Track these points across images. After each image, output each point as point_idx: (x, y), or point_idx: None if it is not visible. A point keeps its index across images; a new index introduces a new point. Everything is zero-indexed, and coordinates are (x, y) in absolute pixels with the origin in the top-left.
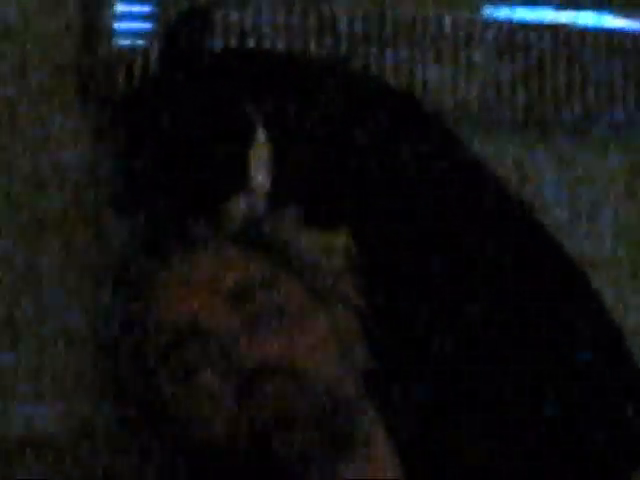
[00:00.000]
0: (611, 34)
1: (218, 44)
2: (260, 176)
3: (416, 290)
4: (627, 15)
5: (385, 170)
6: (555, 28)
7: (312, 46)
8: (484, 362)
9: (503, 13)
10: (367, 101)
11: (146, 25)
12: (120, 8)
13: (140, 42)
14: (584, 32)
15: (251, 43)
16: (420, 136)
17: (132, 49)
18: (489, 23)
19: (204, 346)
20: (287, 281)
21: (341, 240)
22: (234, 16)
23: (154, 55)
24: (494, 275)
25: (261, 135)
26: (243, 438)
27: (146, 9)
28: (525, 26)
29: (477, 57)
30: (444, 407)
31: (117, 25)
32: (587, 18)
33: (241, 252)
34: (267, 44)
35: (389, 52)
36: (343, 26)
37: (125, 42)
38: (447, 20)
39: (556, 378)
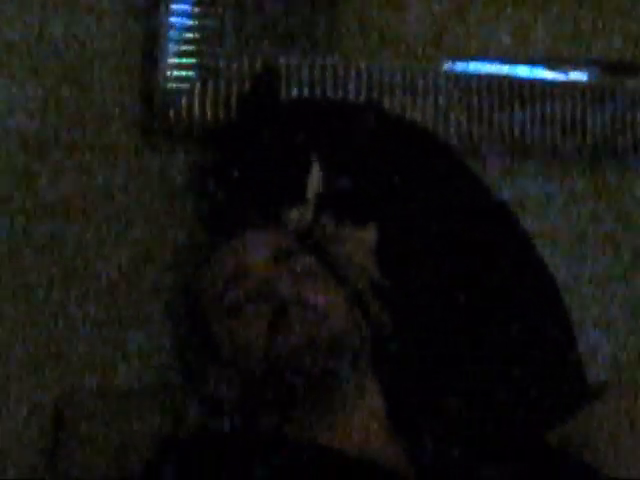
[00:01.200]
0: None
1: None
2: (312, 195)
3: (422, 271)
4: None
5: (404, 182)
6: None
7: None
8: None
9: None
10: (398, 135)
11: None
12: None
13: (186, 86)
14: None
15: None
16: (436, 162)
17: (180, 92)
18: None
19: (249, 287)
20: (312, 258)
21: (370, 234)
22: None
23: (198, 97)
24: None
25: (316, 168)
26: (277, 359)
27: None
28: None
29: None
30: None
31: (169, 73)
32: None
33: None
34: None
35: None
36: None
37: (175, 86)
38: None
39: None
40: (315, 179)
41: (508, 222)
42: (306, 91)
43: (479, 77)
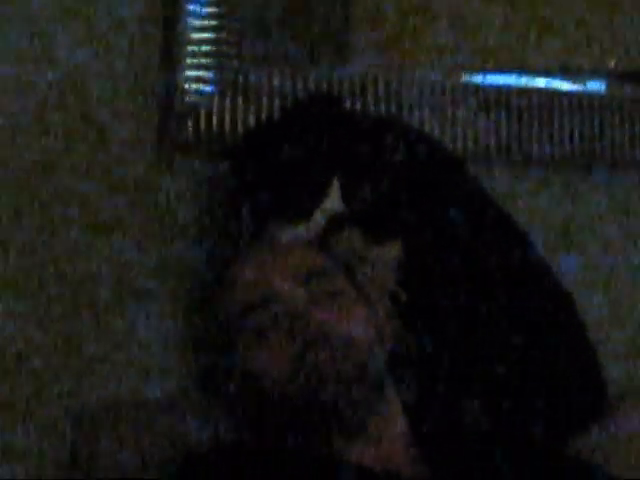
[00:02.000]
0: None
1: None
2: (331, 204)
3: (439, 287)
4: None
5: (427, 201)
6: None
7: None
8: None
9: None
10: (417, 152)
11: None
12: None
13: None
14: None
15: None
16: (451, 178)
17: (197, 104)
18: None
19: (275, 311)
20: (341, 277)
21: (395, 251)
22: None
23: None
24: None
25: (335, 182)
26: (300, 390)
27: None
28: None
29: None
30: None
31: (187, 86)
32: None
33: (314, 250)
34: None
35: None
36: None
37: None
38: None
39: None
40: (334, 193)
41: (522, 242)
42: None
43: (498, 89)
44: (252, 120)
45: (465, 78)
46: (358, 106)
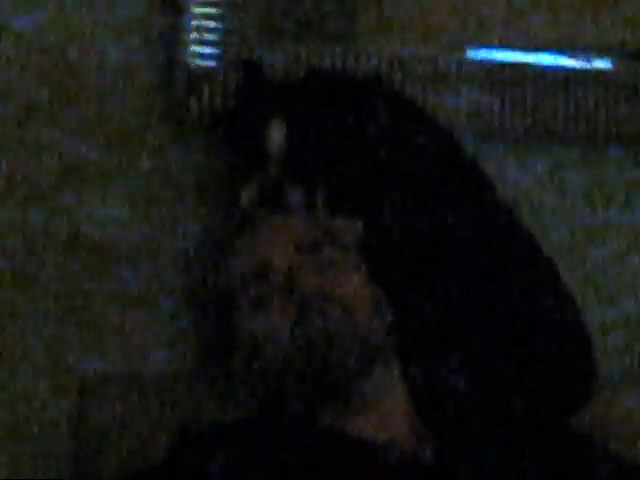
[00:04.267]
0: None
1: None
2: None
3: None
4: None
5: (398, 175)
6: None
7: None
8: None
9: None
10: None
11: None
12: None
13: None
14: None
15: None
16: (427, 137)
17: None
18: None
19: (273, 280)
20: (337, 247)
21: (356, 228)
22: None
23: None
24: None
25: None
26: (298, 355)
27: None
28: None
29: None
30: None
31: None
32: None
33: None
34: None
35: None
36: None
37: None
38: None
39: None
40: (275, 138)
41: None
42: None
43: (502, 65)
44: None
45: (469, 54)
46: None
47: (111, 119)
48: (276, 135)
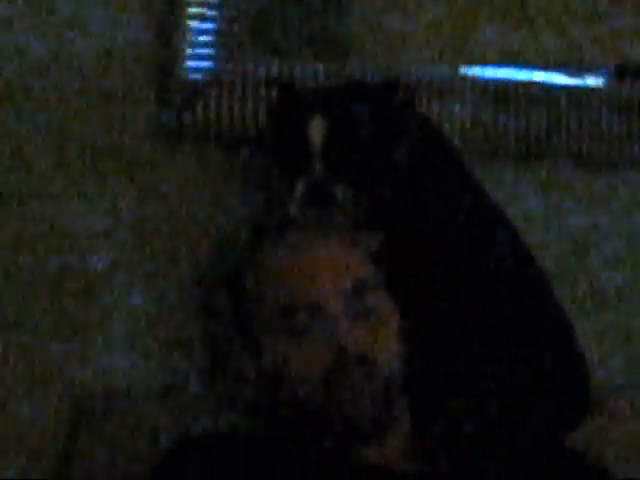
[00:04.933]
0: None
1: None
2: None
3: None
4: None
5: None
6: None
7: None
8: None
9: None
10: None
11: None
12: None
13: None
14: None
15: None
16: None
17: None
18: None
19: (317, 319)
20: (382, 290)
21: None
22: None
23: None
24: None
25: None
26: (326, 399)
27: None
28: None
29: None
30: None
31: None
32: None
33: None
34: None
35: None
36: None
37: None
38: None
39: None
40: (316, 134)
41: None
42: None
43: (496, 82)
44: (249, 109)
45: (465, 71)
46: None
47: (109, 131)
48: (317, 131)
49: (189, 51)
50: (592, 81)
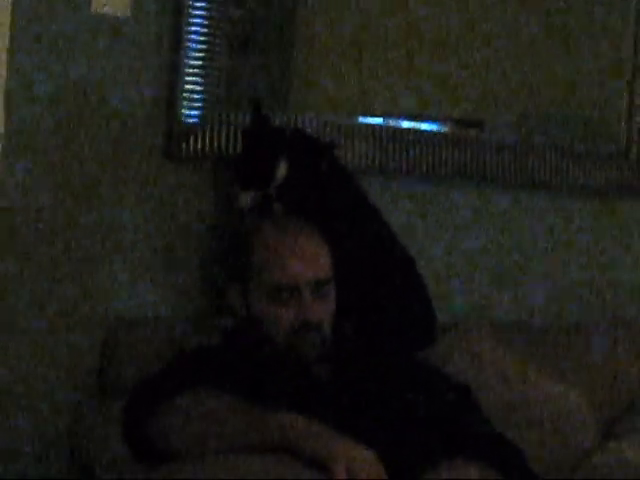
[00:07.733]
0: None
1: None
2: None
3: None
4: None
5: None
6: None
7: None
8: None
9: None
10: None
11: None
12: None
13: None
14: None
15: None
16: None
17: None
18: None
19: (292, 296)
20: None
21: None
22: None
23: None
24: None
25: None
26: (288, 345)
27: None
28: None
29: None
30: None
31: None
32: None
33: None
34: None
35: None
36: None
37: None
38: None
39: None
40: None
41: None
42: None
43: (380, 127)
44: (232, 144)
45: (352, 120)
46: None
47: (123, 157)
48: (282, 171)
49: (184, 102)
50: (434, 127)
